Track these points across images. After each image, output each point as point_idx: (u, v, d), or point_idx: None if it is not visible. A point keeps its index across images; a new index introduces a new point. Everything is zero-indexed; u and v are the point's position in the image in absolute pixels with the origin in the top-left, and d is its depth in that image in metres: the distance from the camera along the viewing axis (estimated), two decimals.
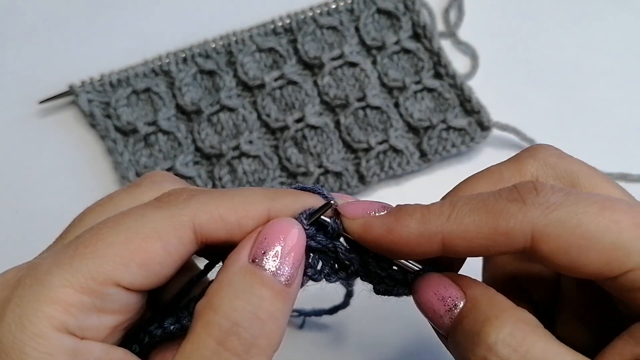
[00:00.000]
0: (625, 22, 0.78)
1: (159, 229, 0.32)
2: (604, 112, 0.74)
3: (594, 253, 0.31)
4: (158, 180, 0.39)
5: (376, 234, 0.35)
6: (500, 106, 0.72)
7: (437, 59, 0.74)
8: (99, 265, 0.31)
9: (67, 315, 0.30)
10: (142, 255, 0.32)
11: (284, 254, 0.34)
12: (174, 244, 0.33)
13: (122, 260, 0.31)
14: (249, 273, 0.33)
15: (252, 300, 0.32)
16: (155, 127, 0.72)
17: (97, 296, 0.31)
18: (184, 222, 0.33)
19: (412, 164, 0.70)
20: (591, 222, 0.31)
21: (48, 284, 0.31)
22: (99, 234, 0.32)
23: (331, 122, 0.72)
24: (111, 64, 0.75)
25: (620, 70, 0.76)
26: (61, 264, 0.31)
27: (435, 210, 0.34)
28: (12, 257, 0.69)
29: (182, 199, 0.34)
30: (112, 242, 0.32)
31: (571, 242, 0.31)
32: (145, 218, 0.33)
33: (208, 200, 0.34)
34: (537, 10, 0.79)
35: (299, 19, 0.75)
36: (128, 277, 0.32)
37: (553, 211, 0.32)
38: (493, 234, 0.32)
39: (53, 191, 0.71)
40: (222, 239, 0.35)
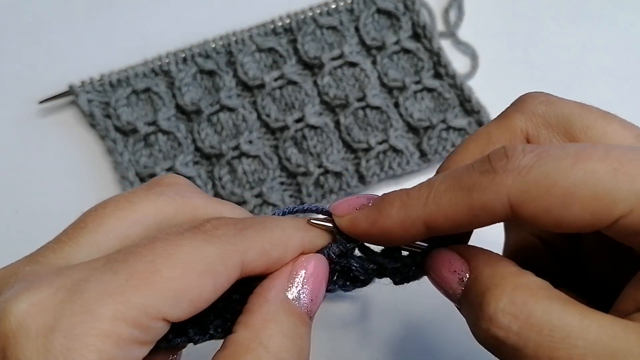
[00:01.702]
0: (625, 22, 0.78)
1: (213, 266, 0.32)
2: None
3: (576, 208, 0.30)
4: (180, 191, 0.38)
5: (362, 227, 0.35)
6: (500, 106, 0.71)
7: (437, 59, 0.74)
8: (153, 299, 0.30)
9: (117, 349, 0.29)
10: (194, 292, 0.31)
11: (312, 289, 0.35)
12: (223, 282, 0.33)
13: (174, 296, 0.31)
14: (292, 310, 0.34)
15: (297, 340, 0.33)
16: (155, 127, 0.72)
17: (145, 330, 0.30)
18: (236, 259, 0.33)
19: (412, 164, 0.70)
20: (566, 178, 0.30)
21: (100, 315, 0.29)
22: (154, 264, 0.31)
23: (331, 122, 0.72)
24: (111, 64, 0.75)
25: (620, 70, 0.76)
26: (113, 293, 0.29)
27: (413, 195, 0.34)
28: (12, 257, 0.69)
29: (231, 233, 0.34)
30: (168, 277, 0.31)
31: (550, 202, 0.30)
32: (199, 252, 0.32)
33: (254, 236, 0.34)
34: (537, 10, 0.79)
35: (299, 19, 0.75)
36: (177, 312, 0.31)
37: (526, 175, 0.31)
38: (471, 210, 0.32)
39: (53, 191, 0.71)
40: (261, 271, 0.35)
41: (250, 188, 0.70)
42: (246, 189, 0.70)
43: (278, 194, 0.70)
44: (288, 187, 0.71)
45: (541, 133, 0.37)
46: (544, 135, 0.37)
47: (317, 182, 0.70)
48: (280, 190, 0.71)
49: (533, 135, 0.37)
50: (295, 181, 0.71)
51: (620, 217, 0.29)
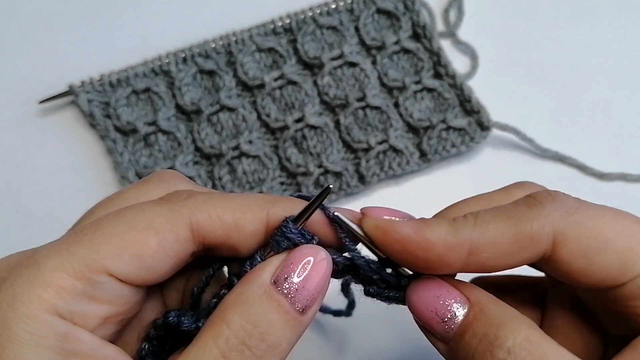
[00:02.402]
0: (625, 22, 0.78)
1: (155, 224, 0.33)
2: (604, 112, 0.74)
3: (609, 255, 0.33)
4: (167, 178, 0.39)
5: (404, 232, 0.34)
6: (500, 106, 0.72)
7: (437, 59, 0.74)
8: (93, 252, 0.32)
9: (58, 299, 0.31)
10: (136, 247, 0.32)
11: (306, 282, 0.34)
12: (169, 240, 0.33)
13: (116, 250, 0.32)
14: (267, 295, 0.33)
15: (262, 324, 0.32)
16: (155, 127, 0.72)
17: (89, 283, 0.31)
18: (181, 218, 0.34)
19: (412, 164, 0.70)
20: (606, 225, 0.33)
21: (43, 267, 0.31)
22: (98, 224, 0.33)
23: (331, 122, 0.72)
24: (111, 64, 0.75)
25: (620, 70, 0.76)
26: (58, 249, 0.32)
27: (460, 220, 0.35)
28: None
29: (183, 198, 0.35)
30: (109, 233, 0.32)
31: (589, 244, 0.33)
32: (144, 212, 0.33)
33: (206, 200, 0.35)
34: (537, 10, 0.79)
35: (299, 19, 0.75)
36: (121, 267, 0.32)
37: (572, 214, 0.34)
38: (518, 238, 0.34)
39: (53, 191, 0.71)
40: (219, 239, 0.35)
41: (250, 188, 0.70)
42: (246, 189, 0.70)
43: (278, 194, 0.70)
44: (288, 187, 0.71)
45: None
46: None
47: (317, 182, 0.70)
48: (280, 190, 0.71)
49: None
50: (295, 181, 0.71)
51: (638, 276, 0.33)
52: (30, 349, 0.30)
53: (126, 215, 0.33)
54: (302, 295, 0.34)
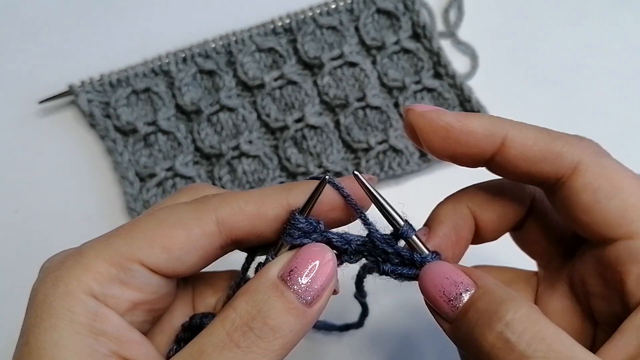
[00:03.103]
0: (625, 22, 0.78)
1: (184, 219, 0.37)
2: (604, 112, 0.74)
3: (614, 202, 0.36)
4: (199, 188, 0.43)
5: (448, 120, 0.38)
6: (500, 106, 0.72)
7: (437, 59, 0.74)
8: (128, 244, 0.36)
9: (94, 282, 0.35)
10: (165, 240, 0.37)
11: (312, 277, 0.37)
12: (196, 233, 0.37)
13: (148, 242, 0.36)
14: (273, 286, 0.36)
15: (265, 309, 0.35)
16: (155, 127, 0.72)
17: (123, 270, 0.36)
18: (207, 213, 0.38)
19: (412, 164, 0.70)
20: (624, 179, 0.36)
21: (85, 254, 0.36)
22: (135, 222, 0.38)
23: (331, 122, 0.72)
24: (111, 64, 0.75)
25: (620, 70, 0.76)
26: (100, 240, 0.37)
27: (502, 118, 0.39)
28: (12, 257, 0.69)
29: (208, 197, 0.39)
30: (143, 228, 0.37)
31: (602, 184, 0.36)
32: (174, 210, 0.38)
33: (228, 196, 0.39)
34: (537, 10, 0.79)
35: (299, 19, 0.75)
36: (151, 257, 0.36)
37: (601, 157, 0.37)
38: (547, 150, 0.37)
39: (53, 191, 0.71)
40: (246, 229, 0.38)
41: (250, 188, 0.70)
42: (246, 189, 0.70)
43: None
44: None
45: None
46: None
47: None
48: None
49: None
50: (295, 181, 0.71)
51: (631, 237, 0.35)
52: (64, 322, 0.34)
53: (158, 214, 0.38)
54: (308, 289, 0.36)
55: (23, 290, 0.66)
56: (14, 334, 0.65)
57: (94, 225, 0.70)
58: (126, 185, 0.70)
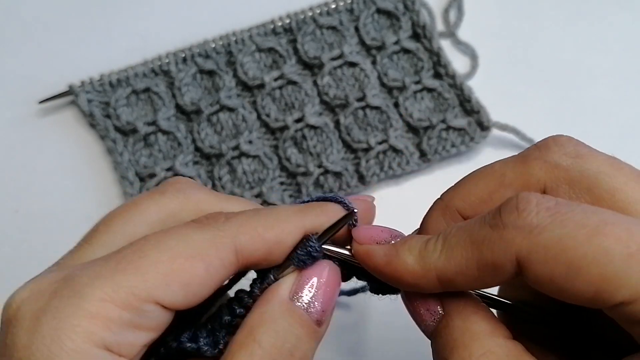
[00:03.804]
0: (625, 22, 0.78)
1: (202, 250, 0.33)
2: (604, 112, 0.74)
3: (580, 282, 0.29)
4: (183, 188, 0.39)
5: (376, 262, 0.35)
6: (500, 106, 0.72)
7: (437, 59, 0.74)
8: (141, 281, 0.31)
9: (106, 331, 0.30)
10: (184, 276, 0.32)
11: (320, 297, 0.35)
12: (216, 266, 0.33)
13: (164, 279, 0.31)
14: (290, 311, 0.34)
15: (291, 340, 0.33)
16: (154, 127, 0.72)
17: (137, 312, 0.31)
18: (226, 243, 0.33)
19: (412, 164, 0.70)
20: (577, 251, 0.29)
21: (88, 297, 0.30)
22: (142, 250, 0.32)
23: (331, 122, 0.72)
24: (111, 64, 0.75)
25: (620, 70, 0.76)
26: (102, 276, 0.31)
27: (430, 247, 0.34)
28: (12, 257, 0.69)
29: (222, 220, 0.34)
30: (156, 260, 0.32)
31: (555, 271, 0.29)
32: (187, 238, 0.33)
33: (246, 221, 0.35)
34: (537, 10, 0.79)
35: (299, 19, 0.75)
36: (169, 296, 0.32)
37: (536, 236, 0.29)
38: (480, 266, 0.31)
39: (52, 191, 0.71)
40: (261, 257, 0.35)
41: (250, 188, 0.70)
42: (246, 189, 0.70)
43: (278, 194, 0.70)
44: (288, 187, 0.71)
45: (561, 188, 0.34)
46: (564, 191, 0.34)
47: (317, 182, 0.70)
48: (280, 190, 0.71)
49: (551, 188, 0.35)
50: (295, 181, 0.71)
51: (622, 303, 0.28)
52: None
53: (169, 242, 0.33)
54: (317, 309, 0.35)
55: None
56: None
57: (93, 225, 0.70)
58: (126, 185, 0.70)
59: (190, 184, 0.40)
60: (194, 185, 0.40)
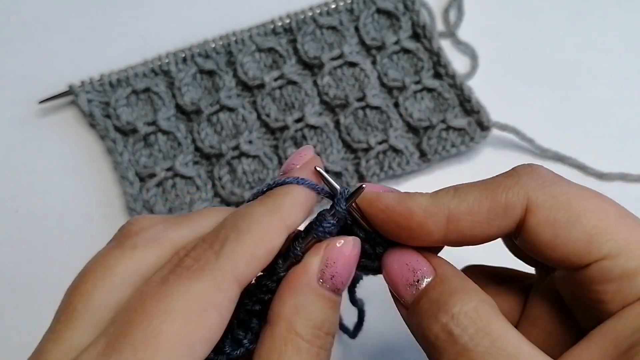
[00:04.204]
0: (625, 22, 0.78)
1: (210, 300, 0.32)
2: (604, 112, 0.74)
3: (576, 231, 0.33)
4: (151, 235, 0.36)
5: (388, 202, 0.37)
6: (500, 106, 0.72)
7: (437, 58, 0.74)
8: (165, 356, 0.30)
9: None
10: (202, 333, 0.31)
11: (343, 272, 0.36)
12: (226, 306, 0.33)
13: (186, 347, 0.30)
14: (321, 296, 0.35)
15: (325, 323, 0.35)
16: (154, 127, 0.72)
17: None
18: (228, 281, 0.33)
19: (412, 164, 0.70)
20: (580, 202, 0.34)
21: None
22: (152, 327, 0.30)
23: (331, 122, 0.72)
24: (111, 64, 0.75)
25: (620, 70, 0.76)
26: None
27: (441, 191, 0.37)
28: (12, 257, 0.69)
29: (213, 258, 0.33)
30: (172, 333, 0.30)
31: (558, 217, 0.34)
32: (191, 294, 0.31)
33: (236, 248, 0.34)
34: (537, 10, 0.79)
35: (299, 19, 0.75)
36: (195, 357, 0.31)
37: (547, 186, 0.34)
38: (493, 206, 0.35)
39: (52, 191, 0.71)
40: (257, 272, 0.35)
41: (250, 188, 0.70)
42: (246, 189, 0.70)
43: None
44: None
45: None
46: None
47: None
48: None
49: None
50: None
51: (605, 257, 0.33)
52: None
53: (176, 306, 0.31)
54: (339, 284, 0.36)
55: (23, 290, 0.66)
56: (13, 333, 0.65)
57: (94, 225, 0.70)
58: (126, 185, 0.70)
59: (154, 225, 0.37)
60: (158, 224, 0.37)
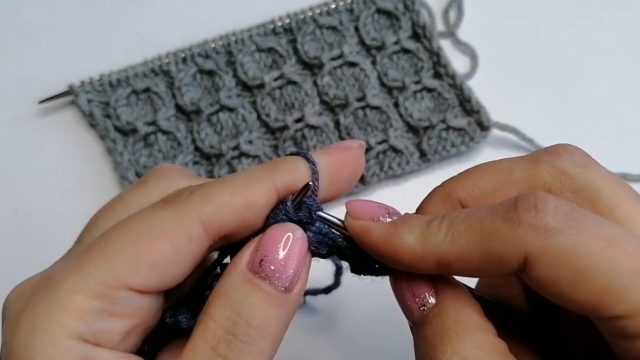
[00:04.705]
0: (625, 22, 0.78)
1: (166, 229, 0.32)
2: (604, 112, 0.74)
3: (583, 291, 0.29)
4: (165, 175, 0.38)
5: (374, 240, 0.34)
6: (499, 106, 0.72)
7: (437, 58, 0.74)
8: (109, 269, 0.31)
9: (78, 322, 0.30)
10: (150, 257, 0.32)
11: (283, 260, 0.33)
12: (183, 242, 0.32)
13: (131, 263, 0.31)
14: (246, 281, 0.33)
15: (247, 310, 0.32)
16: (154, 127, 0.72)
17: (108, 300, 0.31)
18: (190, 217, 0.33)
19: (412, 164, 0.70)
20: (588, 259, 0.29)
21: (59, 291, 0.31)
22: (108, 238, 0.32)
23: (331, 122, 0.72)
24: (111, 64, 0.75)
25: (620, 70, 0.76)
26: (72, 270, 0.31)
27: (433, 228, 0.33)
28: (12, 257, 0.69)
29: (185, 195, 0.34)
30: (121, 246, 0.32)
31: (561, 275, 0.30)
32: (151, 220, 0.33)
33: (209, 191, 0.34)
34: (537, 10, 0.79)
35: (299, 19, 0.75)
36: (138, 279, 0.32)
37: (549, 237, 0.30)
38: (486, 257, 0.31)
39: (52, 191, 0.71)
40: (235, 226, 0.34)
41: None
42: None
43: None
44: None
45: (565, 195, 0.35)
46: (567, 198, 0.35)
47: None
48: None
49: (556, 193, 0.35)
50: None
51: (618, 317, 0.29)
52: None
53: (134, 226, 0.33)
54: (282, 274, 0.33)
55: None
56: None
57: None
58: (126, 185, 0.70)
59: (173, 171, 0.39)
60: (178, 172, 0.39)
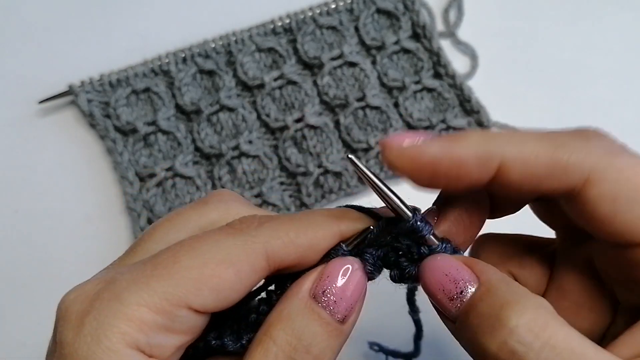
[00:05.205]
0: (625, 22, 0.78)
1: (232, 256, 0.33)
2: (604, 112, 0.74)
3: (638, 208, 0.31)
4: (225, 199, 0.40)
5: (432, 154, 0.33)
6: (499, 106, 0.72)
7: (437, 58, 0.74)
8: (174, 287, 0.32)
9: (139, 333, 0.32)
10: (214, 281, 0.33)
11: (342, 291, 0.35)
12: (246, 271, 0.34)
13: (195, 284, 0.33)
14: (309, 309, 0.34)
15: (307, 337, 0.33)
16: (154, 127, 0.72)
17: (169, 317, 0.32)
18: (257, 249, 0.34)
19: None
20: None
21: (125, 301, 0.32)
22: (176, 256, 0.33)
23: (331, 122, 0.72)
24: (111, 64, 0.75)
25: (620, 70, 0.76)
26: (139, 282, 0.33)
27: (495, 134, 0.33)
28: (12, 257, 0.69)
29: (254, 226, 0.35)
30: (188, 266, 0.33)
31: (621, 191, 0.31)
32: (219, 244, 0.34)
33: (278, 226, 0.35)
34: (537, 10, 0.79)
35: (299, 19, 0.75)
36: (200, 300, 0.33)
37: (615, 157, 0.32)
38: (553, 164, 0.32)
39: (52, 191, 0.71)
40: (294, 263, 0.35)
41: (250, 188, 0.70)
42: (246, 189, 0.70)
43: (278, 194, 0.70)
44: (288, 187, 0.71)
45: None
46: None
47: (317, 182, 0.70)
48: (280, 190, 0.71)
49: None
50: (295, 181, 0.71)
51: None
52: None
53: (202, 247, 0.34)
54: (340, 305, 0.34)
55: (23, 290, 0.66)
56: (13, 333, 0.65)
57: (94, 225, 0.70)
58: (126, 185, 0.70)
59: (233, 197, 0.41)
60: (237, 198, 0.41)
